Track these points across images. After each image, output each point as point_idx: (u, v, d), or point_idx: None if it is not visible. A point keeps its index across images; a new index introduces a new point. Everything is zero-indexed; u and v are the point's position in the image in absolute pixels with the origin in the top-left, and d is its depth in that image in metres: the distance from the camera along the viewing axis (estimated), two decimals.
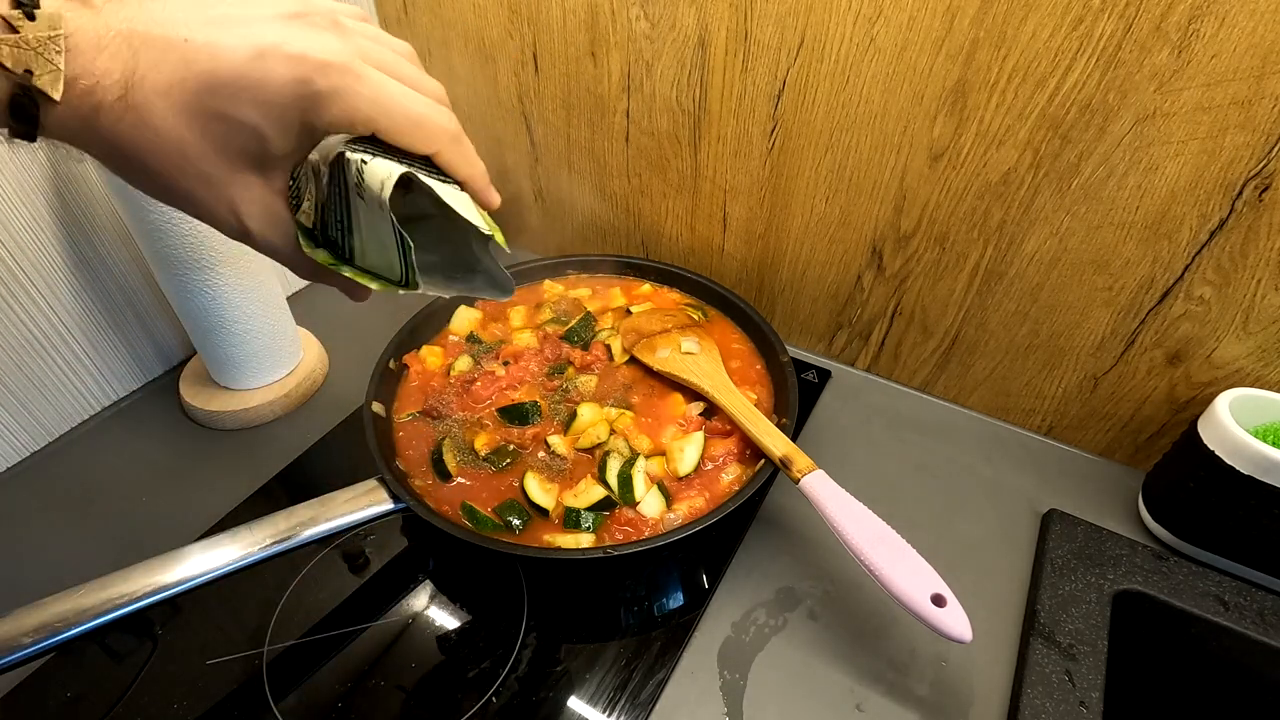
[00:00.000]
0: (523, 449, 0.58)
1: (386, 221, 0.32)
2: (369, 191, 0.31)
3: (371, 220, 0.32)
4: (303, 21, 0.30)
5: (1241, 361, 0.55)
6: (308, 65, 0.29)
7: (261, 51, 0.28)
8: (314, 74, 0.29)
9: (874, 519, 0.46)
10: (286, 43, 0.29)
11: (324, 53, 0.29)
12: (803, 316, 0.75)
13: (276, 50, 0.29)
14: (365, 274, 0.35)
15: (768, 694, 0.47)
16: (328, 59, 0.29)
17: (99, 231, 0.62)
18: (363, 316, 0.80)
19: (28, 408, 0.62)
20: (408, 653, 0.49)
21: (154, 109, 0.28)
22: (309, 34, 0.30)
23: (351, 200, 0.33)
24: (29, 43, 0.26)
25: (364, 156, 0.31)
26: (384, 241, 0.33)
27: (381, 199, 0.31)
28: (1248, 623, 0.50)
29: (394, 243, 0.32)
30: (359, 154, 0.31)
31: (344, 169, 0.32)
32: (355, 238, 0.34)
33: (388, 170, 0.31)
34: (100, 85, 0.27)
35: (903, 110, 0.57)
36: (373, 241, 0.33)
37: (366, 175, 0.31)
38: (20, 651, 0.39)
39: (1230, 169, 0.48)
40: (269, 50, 0.29)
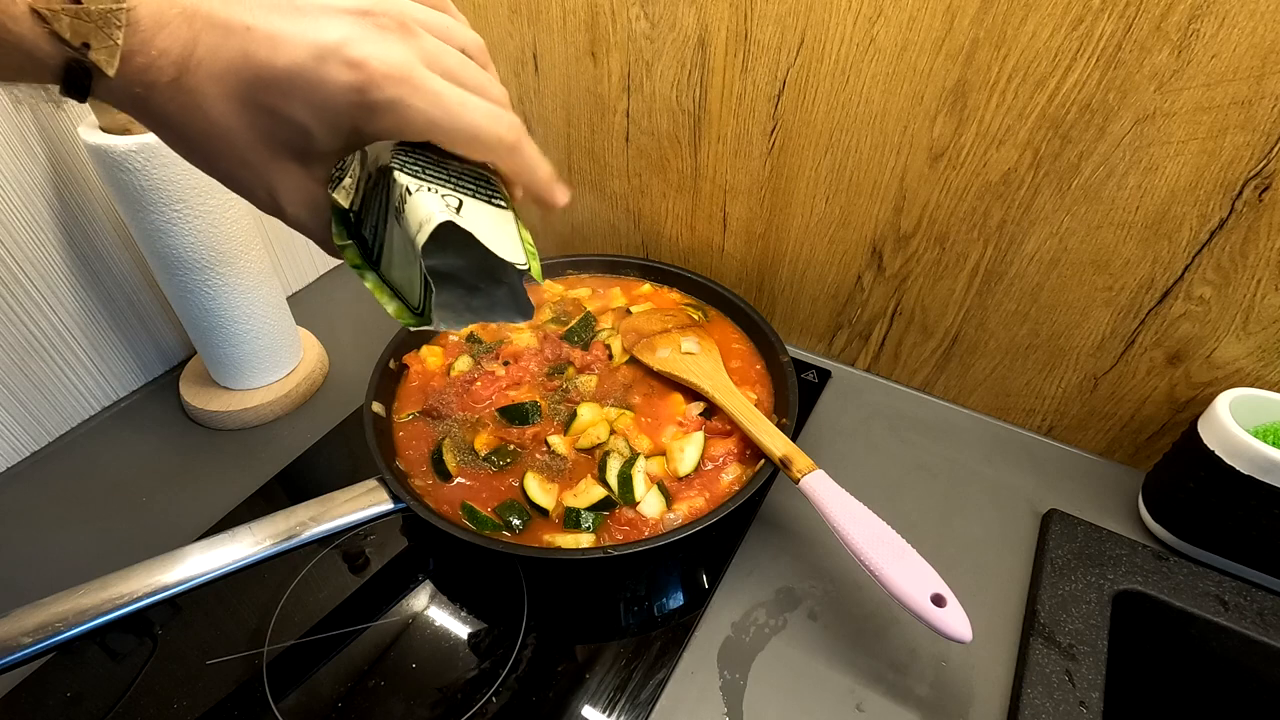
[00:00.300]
0: (523, 449, 0.58)
1: (416, 262, 0.31)
2: (406, 223, 0.30)
3: (403, 245, 0.32)
4: (369, 21, 0.29)
5: (1241, 361, 0.55)
6: (366, 73, 0.28)
7: (322, 52, 0.28)
8: (371, 84, 0.28)
9: (874, 519, 0.46)
10: (348, 45, 0.28)
11: (384, 62, 0.28)
12: (803, 316, 0.75)
13: (337, 53, 0.28)
14: (385, 289, 0.34)
15: (768, 694, 0.47)
16: (387, 70, 0.28)
17: (99, 231, 0.62)
18: (363, 316, 0.81)
19: (28, 408, 0.62)
20: (408, 653, 0.49)
21: (205, 94, 0.28)
22: (373, 37, 0.29)
23: (390, 216, 0.32)
24: (90, 15, 0.25)
25: (409, 184, 0.30)
26: (410, 269, 0.32)
27: (415, 242, 0.29)
28: (1248, 623, 0.50)
29: (419, 278, 0.32)
30: (406, 176, 0.31)
31: (389, 185, 0.31)
32: (385, 248, 0.34)
33: (428, 213, 0.29)
34: (155, 65, 0.27)
35: (903, 110, 0.57)
36: (400, 261, 0.33)
37: (408, 208, 0.30)
38: (20, 651, 0.39)
39: (1230, 169, 0.48)
40: (329, 52, 0.28)
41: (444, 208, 0.30)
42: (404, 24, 0.30)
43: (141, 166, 0.52)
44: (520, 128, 0.32)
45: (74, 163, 0.58)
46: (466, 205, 0.31)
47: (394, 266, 0.34)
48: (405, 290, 0.34)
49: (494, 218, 0.32)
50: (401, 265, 0.33)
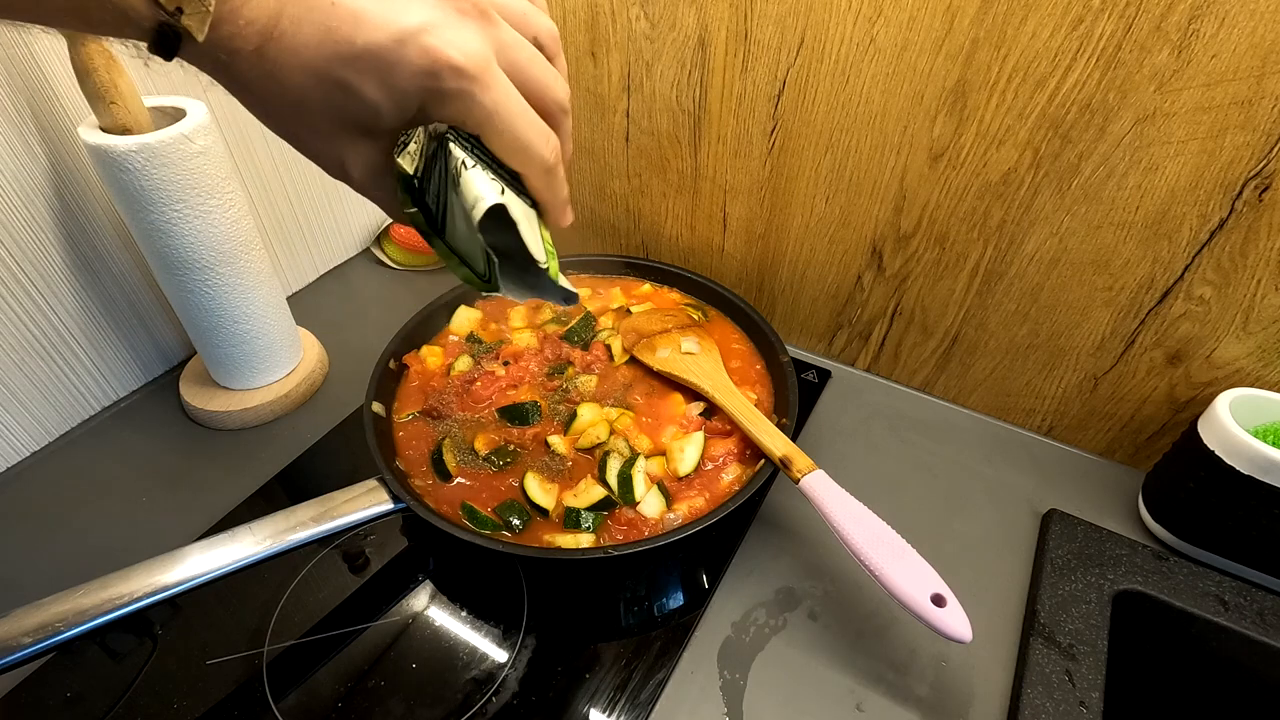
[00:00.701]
0: (523, 449, 0.58)
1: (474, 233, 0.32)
2: (464, 197, 0.32)
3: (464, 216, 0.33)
4: (450, 6, 0.29)
5: (1241, 361, 0.55)
6: (441, 63, 0.29)
7: (402, 35, 0.28)
8: (444, 73, 0.29)
9: (874, 519, 0.46)
10: (428, 31, 0.28)
11: (460, 53, 0.29)
12: (803, 316, 0.75)
13: (416, 38, 0.28)
14: (453, 256, 0.36)
15: (768, 694, 0.47)
16: (461, 62, 0.29)
17: (99, 231, 0.62)
18: (363, 317, 0.81)
19: (28, 408, 0.62)
20: (408, 653, 0.49)
21: (284, 65, 0.29)
22: (452, 24, 0.29)
23: (448, 186, 0.33)
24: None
25: (465, 158, 0.32)
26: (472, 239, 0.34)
27: (471, 216, 0.31)
28: (1248, 623, 0.50)
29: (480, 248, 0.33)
30: (461, 151, 0.32)
31: (446, 155, 0.33)
32: (449, 216, 0.35)
33: (481, 191, 0.31)
34: (241, 34, 0.28)
35: (903, 110, 0.57)
36: (463, 229, 0.34)
37: (463, 182, 0.32)
38: (20, 651, 0.39)
39: (1230, 169, 0.48)
40: (409, 36, 0.28)
41: (495, 190, 0.32)
42: (484, 11, 0.30)
43: (141, 166, 0.52)
44: (559, 152, 0.34)
45: (74, 163, 0.58)
46: (507, 193, 0.33)
47: (458, 235, 0.35)
48: (470, 259, 0.35)
49: (526, 212, 0.34)
50: (465, 235, 0.34)
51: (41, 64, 0.54)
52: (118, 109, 0.51)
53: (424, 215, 0.35)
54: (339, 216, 0.86)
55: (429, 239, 0.36)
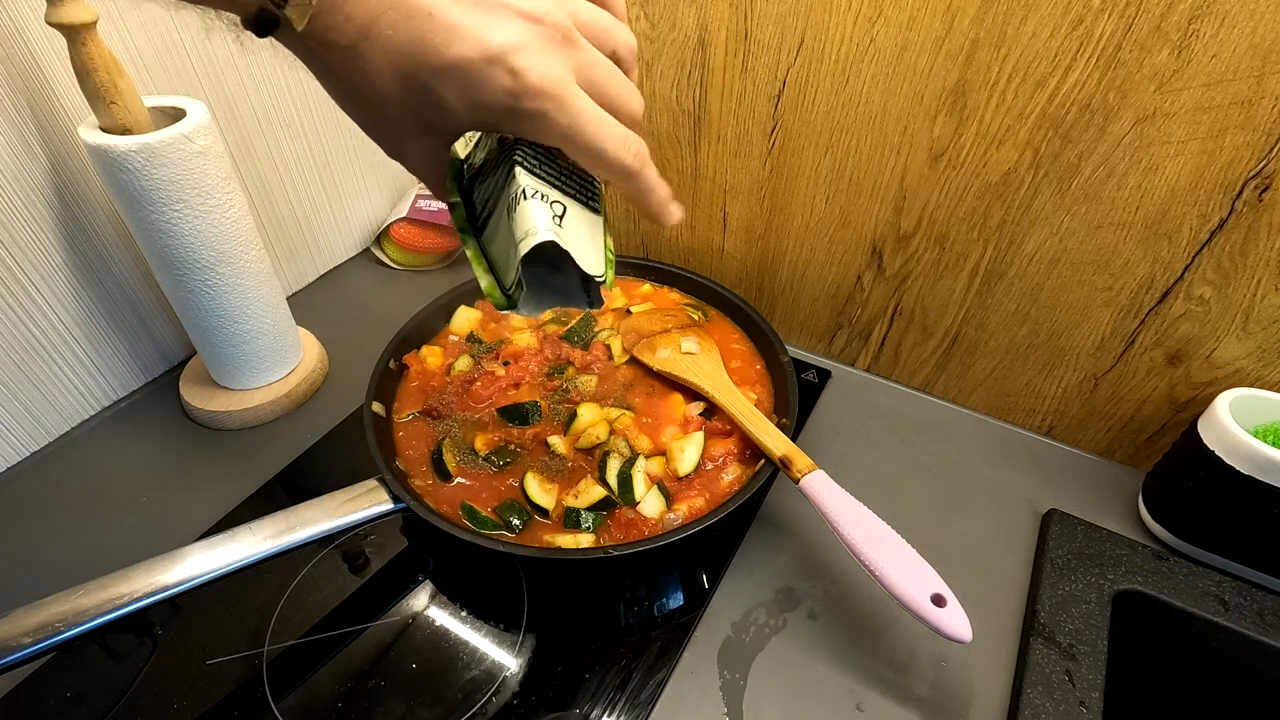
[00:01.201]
0: (523, 449, 0.58)
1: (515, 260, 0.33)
2: (515, 223, 0.33)
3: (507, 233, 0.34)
4: (538, 30, 0.31)
5: (1241, 361, 0.55)
6: (522, 84, 0.30)
7: (490, 54, 0.30)
8: (524, 94, 0.30)
9: (874, 519, 0.46)
10: (514, 52, 0.30)
11: (541, 75, 0.30)
12: (803, 316, 0.75)
13: (503, 58, 0.30)
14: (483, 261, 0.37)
15: (768, 694, 0.47)
16: (543, 85, 0.30)
17: (99, 231, 0.62)
18: (363, 317, 0.81)
19: (28, 408, 0.62)
20: (408, 653, 0.49)
21: (374, 63, 0.30)
22: (537, 47, 0.30)
23: (501, 203, 0.34)
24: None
25: (527, 187, 0.33)
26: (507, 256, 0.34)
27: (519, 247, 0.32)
28: (1248, 623, 0.50)
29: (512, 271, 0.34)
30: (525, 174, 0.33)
31: (510, 177, 0.34)
32: (491, 224, 0.36)
33: (533, 224, 0.32)
34: (339, 29, 0.29)
35: (903, 110, 0.57)
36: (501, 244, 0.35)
37: (519, 211, 0.33)
38: (20, 651, 0.39)
39: (1230, 169, 0.48)
40: (497, 55, 0.30)
41: (550, 222, 0.33)
42: (568, 36, 0.32)
43: (141, 166, 0.52)
44: (644, 155, 0.34)
45: (74, 163, 0.58)
46: (569, 212, 0.34)
47: (494, 243, 0.36)
48: (499, 269, 0.36)
49: (588, 224, 0.36)
50: (501, 247, 0.35)
51: (41, 64, 0.54)
52: (118, 109, 0.51)
53: (466, 210, 0.37)
54: (339, 216, 0.86)
55: (463, 234, 0.37)
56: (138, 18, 0.59)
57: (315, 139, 0.79)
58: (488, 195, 0.36)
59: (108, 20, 0.57)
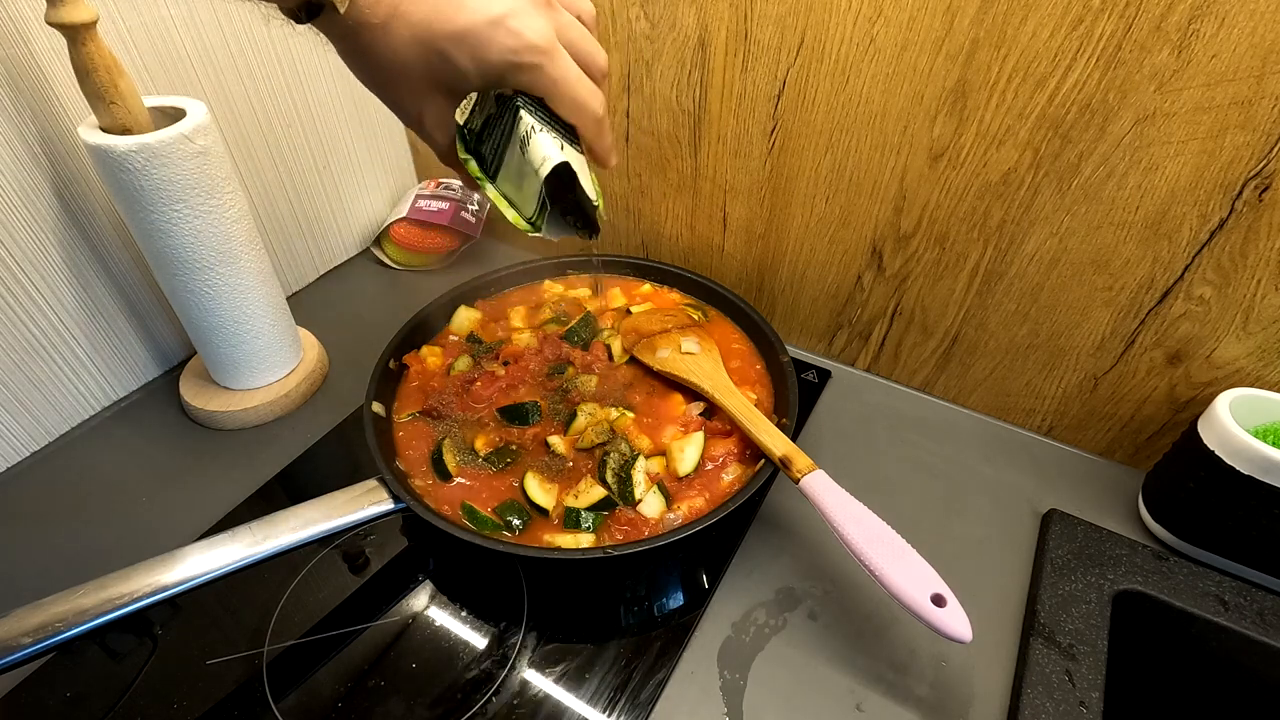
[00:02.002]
0: (523, 449, 0.58)
1: (536, 184, 0.41)
2: (530, 155, 0.40)
3: (523, 170, 0.41)
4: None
5: (1241, 361, 0.55)
6: (521, 42, 0.37)
7: (493, 20, 0.36)
8: (523, 51, 0.37)
9: (874, 519, 0.46)
10: (512, 17, 0.36)
11: (535, 34, 0.37)
12: (803, 316, 0.75)
13: (504, 22, 0.36)
14: (502, 199, 0.44)
15: (768, 694, 0.47)
16: (536, 41, 0.37)
17: (99, 232, 0.62)
18: (363, 316, 0.81)
19: (28, 408, 0.62)
20: (408, 653, 0.49)
21: (400, 37, 0.36)
22: (529, 12, 0.37)
23: (512, 143, 0.41)
24: None
25: (534, 124, 0.40)
26: (526, 187, 0.42)
27: (540, 171, 0.39)
28: (1248, 623, 0.50)
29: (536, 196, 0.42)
30: (530, 116, 0.40)
31: (516, 120, 0.40)
32: (504, 167, 0.43)
33: (549, 151, 0.39)
34: (373, 10, 0.36)
35: (903, 110, 0.57)
36: (516, 180, 0.42)
37: (532, 144, 0.39)
38: (20, 651, 0.39)
39: (1230, 169, 0.48)
40: (498, 20, 0.36)
41: (559, 150, 0.40)
42: (550, 2, 0.39)
43: (141, 166, 0.52)
44: (605, 105, 0.41)
45: (74, 163, 0.58)
46: (566, 148, 0.40)
47: (508, 181, 0.43)
48: (518, 203, 0.44)
49: (580, 161, 0.42)
50: (516, 182, 0.43)
51: (41, 64, 0.54)
52: (118, 109, 0.51)
53: (477, 162, 0.43)
54: (339, 216, 0.86)
55: (481, 182, 0.44)
56: (138, 18, 0.59)
57: (315, 139, 0.79)
58: (495, 144, 0.42)
59: (108, 20, 0.57)
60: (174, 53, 0.62)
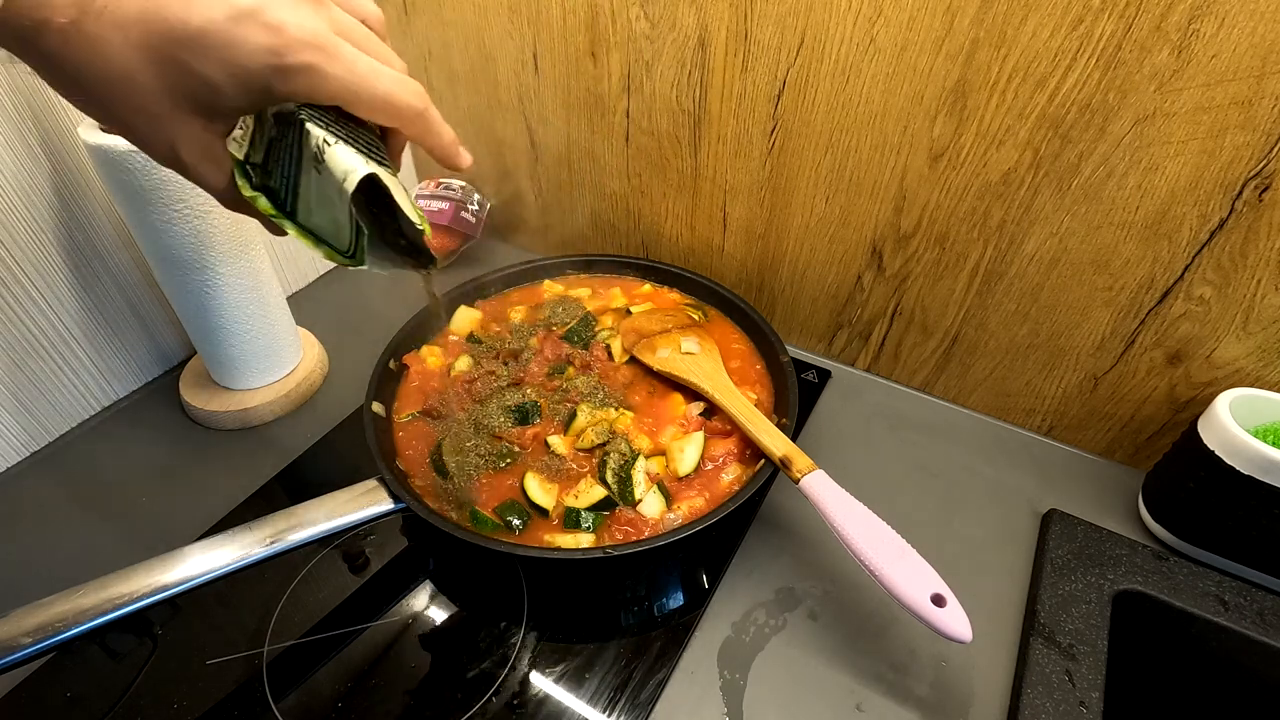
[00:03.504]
0: (523, 449, 0.58)
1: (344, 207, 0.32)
2: (328, 173, 0.32)
3: (323, 194, 0.33)
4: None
5: (1241, 361, 0.55)
6: (283, 38, 0.28)
7: (238, 14, 0.28)
8: (287, 48, 0.29)
9: (874, 519, 0.46)
10: (266, 9, 0.28)
11: (300, 28, 0.29)
12: (803, 316, 0.75)
13: (255, 15, 0.28)
14: (309, 235, 0.36)
15: (768, 694, 0.47)
16: (304, 36, 0.29)
17: (99, 231, 0.62)
18: (363, 317, 0.81)
19: (28, 408, 0.62)
20: (408, 653, 0.49)
21: (109, 41, 0.28)
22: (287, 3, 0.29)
23: (305, 166, 0.33)
24: None
25: (326, 136, 0.32)
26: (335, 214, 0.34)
27: (344, 189, 0.31)
28: (1248, 623, 0.50)
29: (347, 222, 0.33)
30: (320, 129, 0.32)
31: (302, 137, 0.32)
32: (301, 197, 0.35)
33: (352, 164, 0.31)
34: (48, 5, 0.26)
35: (903, 110, 0.57)
36: (321, 208, 0.34)
37: (329, 158, 0.31)
38: (20, 651, 0.39)
39: (1230, 169, 0.48)
40: (246, 14, 0.28)
41: (364, 161, 0.32)
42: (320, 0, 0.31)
43: (141, 166, 0.52)
44: (425, 95, 0.33)
45: (74, 163, 0.59)
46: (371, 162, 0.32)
47: (313, 213, 0.35)
48: (330, 235, 0.35)
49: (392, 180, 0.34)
50: (322, 211, 0.34)
51: None
52: None
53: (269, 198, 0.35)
54: None
55: (278, 220, 0.35)
56: None
57: None
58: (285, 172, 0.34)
59: None
60: None
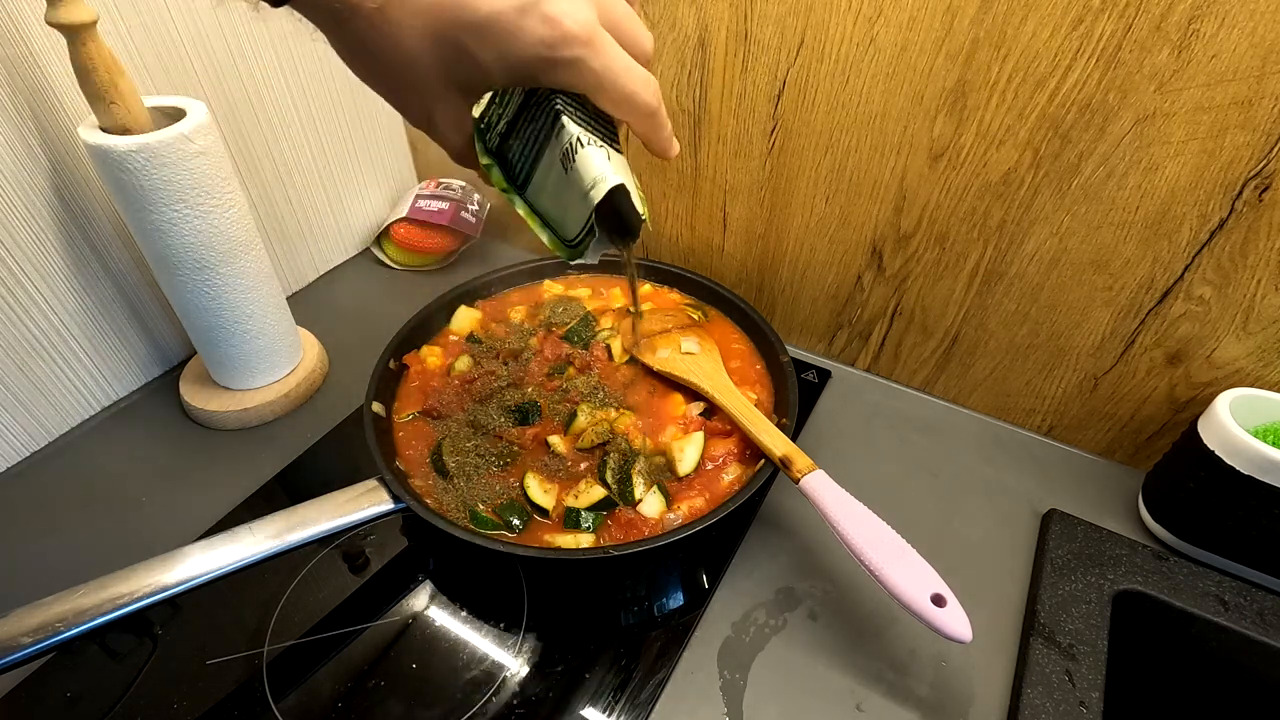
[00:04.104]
0: (523, 449, 0.58)
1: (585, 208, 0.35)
2: (576, 174, 0.34)
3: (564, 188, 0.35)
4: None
5: (1241, 361, 0.55)
6: (558, 32, 0.30)
7: (523, 6, 0.30)
8: (560, 42, 0.31)
9: (874, 519, 0.46)
10: (546, 2, 0.30)
11: (574, 22, 0.31)
12: (803, 316, 0.75)
13: (536, 7, 0.30)
14: (535, 216, 0.38)
15: (768, 694, 0.47)
16: (576, 30, 0.31)
17: (99, 232, 0.62)
18: (363, 317, 0.81)
19: (28, 408, 0.62)
20: (408, 653, 0.49)
21: (404, 25, 0.31)
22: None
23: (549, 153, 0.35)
24: None
25: (580, 135, 0.34)
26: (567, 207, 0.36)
27: (593, 196, 0.34)
28: (1248, 623, 0.50)
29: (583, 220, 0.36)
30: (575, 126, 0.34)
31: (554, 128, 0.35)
32: (536, 179, 0.37)
33: (601, 171, 0.34)
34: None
35: (903, 110, 0.57)
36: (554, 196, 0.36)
37: (580, 159, 0.34)
38: (20, 651, 0.39)
39: (1230, 169, 0.48)
40: (530, 6, 0.30)
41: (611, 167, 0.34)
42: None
43: (141, 166, 0.52)
44: (659, 93, 0.35)
45: (74, 163, 0.58)
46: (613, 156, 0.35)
47: (545, 196, 0.37)
48: (557, 222, 0.38)
49: (623, 166, 0.36)
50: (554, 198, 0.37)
51: (41, 64, 0.54)
52: (118, 109, 0.51)
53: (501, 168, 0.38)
54: (339, 216, 0.86)
55: (507, 194, 0.38)
56: (138, 18, 0.59)
57: (315, 139, 0.79)
58: (526, 150, 0.36)
59: (108, 20, 0.57)
60: (174, 53, 0.62)
